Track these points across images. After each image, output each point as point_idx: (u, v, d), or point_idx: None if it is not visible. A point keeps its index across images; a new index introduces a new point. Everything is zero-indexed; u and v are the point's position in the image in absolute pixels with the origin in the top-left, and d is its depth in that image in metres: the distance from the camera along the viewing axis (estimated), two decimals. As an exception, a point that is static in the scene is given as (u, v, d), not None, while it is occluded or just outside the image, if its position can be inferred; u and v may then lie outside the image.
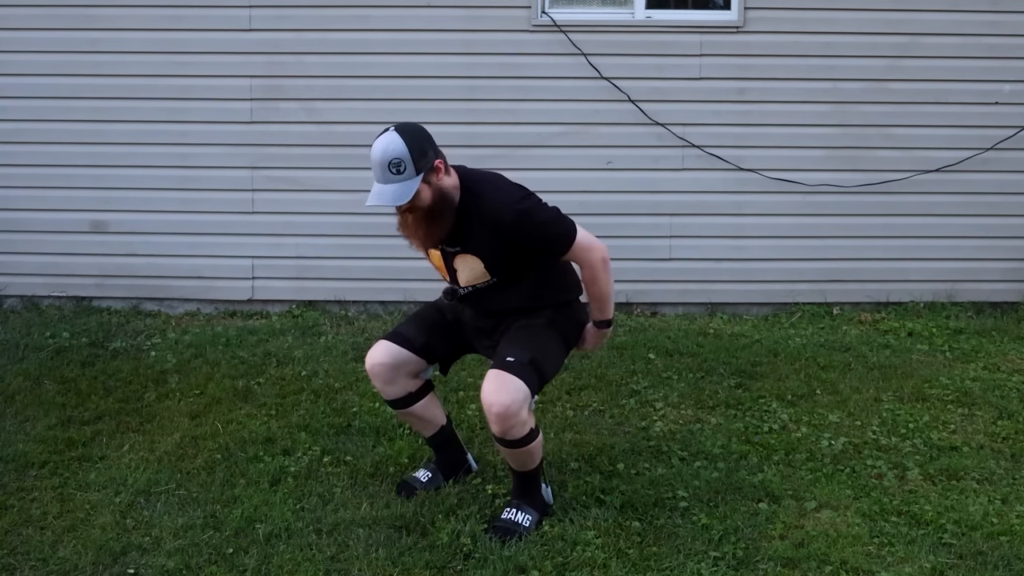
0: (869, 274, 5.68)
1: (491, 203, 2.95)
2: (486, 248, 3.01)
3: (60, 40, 5.48)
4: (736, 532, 3.08)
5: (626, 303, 5.67)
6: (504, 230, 2.93)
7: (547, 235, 2.98)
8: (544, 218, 2.98)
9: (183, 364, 4.68)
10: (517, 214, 2.93)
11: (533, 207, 2.97)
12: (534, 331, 3.07)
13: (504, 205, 2.94)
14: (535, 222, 2.95)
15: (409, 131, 2.89)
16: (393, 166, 2.84)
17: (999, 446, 3.77)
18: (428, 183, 2.89)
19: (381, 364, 3.17)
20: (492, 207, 2.95)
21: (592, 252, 3.03)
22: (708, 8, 5.60)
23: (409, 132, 2.88)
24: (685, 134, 5.53)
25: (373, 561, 2.91)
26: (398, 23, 5.46)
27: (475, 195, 2.98)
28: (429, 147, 2.90)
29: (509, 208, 2.93)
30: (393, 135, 2.87)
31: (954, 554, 2.97)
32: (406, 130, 2.89)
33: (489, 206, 2.95)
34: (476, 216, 2.97)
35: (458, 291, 3.15)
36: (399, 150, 2.84)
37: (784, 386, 4.39)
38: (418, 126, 2.95)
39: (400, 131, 2.87)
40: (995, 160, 5.55)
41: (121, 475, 3.47)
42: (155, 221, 5.62)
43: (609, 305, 3.15)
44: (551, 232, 2.97)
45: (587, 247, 3.02)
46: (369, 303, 5.69)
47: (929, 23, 5.47)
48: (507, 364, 2.93)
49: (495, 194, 2.98)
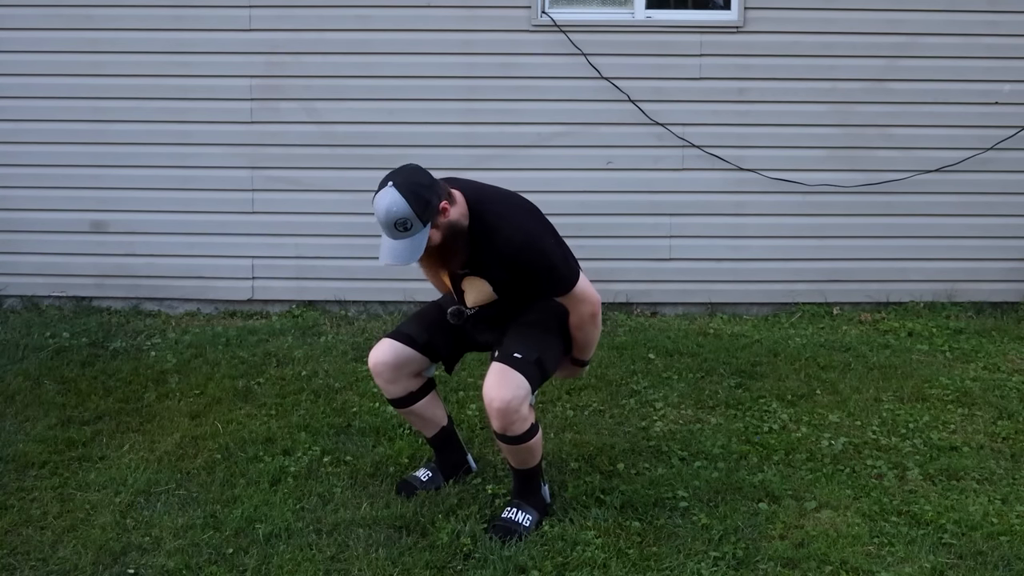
0: (869, 274, 5.68)
1: (507, 236, 2.91)
2: (496, 274, 3.01)
3: (60, 40, 5.48)
4: (736, 532, 3.08)
5: (626, 303, 5.67)
6: (517, 264, 2.93)
7: (552, 278, 2.98)
8: (554, 262, 2.96)
9: (183, 364, 4.68)
10: (534, 252, 2.92)
11: (547, 248, 2.96)
12: (540, 329, 3.07)
13: (521, 242, 2.92)
14: (546, 265, 2.95)
15: (408, 184, 2.78)
16: (400, 225, 2.78)
17: (999, 446, 3.77)
18: (436, 227, 2.86)
19: (384, 363, 3.17)
20: (508, 240, 2.91)
21: (584, 305, 3.04)
22: (708, 8, 5.60)
23: (408, 186, 2.77)
24: (685, 134, 5.53)
25: (373, 561, 2.91)
26: (398, 23, 5.46)
27: (487, 223, 2.93)
28: (431, 194, 2.80)
29: (527, 246, 2.92)
30: (393, 194, 2.76)
31: (954, 554, 2.97)
32: (404, 184, 2.78)
33: (505, 239, 2.91)
34: (487, 243, 2.93)
35: (464, 312, 3.14)
36: (402, 210, 2.75)
37: (784, 386, 4.39)
38: (415, 172, 2.84)
39: (399, 187, 2.77)
40: (995, 160, 5.55)
41: (121, 475, 3.47)
42: (155, 221, 5.62)
43: (589, 351, 3.21)
44: (556, 276, 2.98)
45: (581, 298, 3.02)
46: (369, 303, 5.69)
47: (929, 23, 5.47)
48: (513, 360, 2.93)
49: (511, 226, 2.93)
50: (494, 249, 2.93)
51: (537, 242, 2.94)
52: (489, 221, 2.93)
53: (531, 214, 3.04)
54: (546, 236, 3.00)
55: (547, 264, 2.95)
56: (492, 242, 2.92)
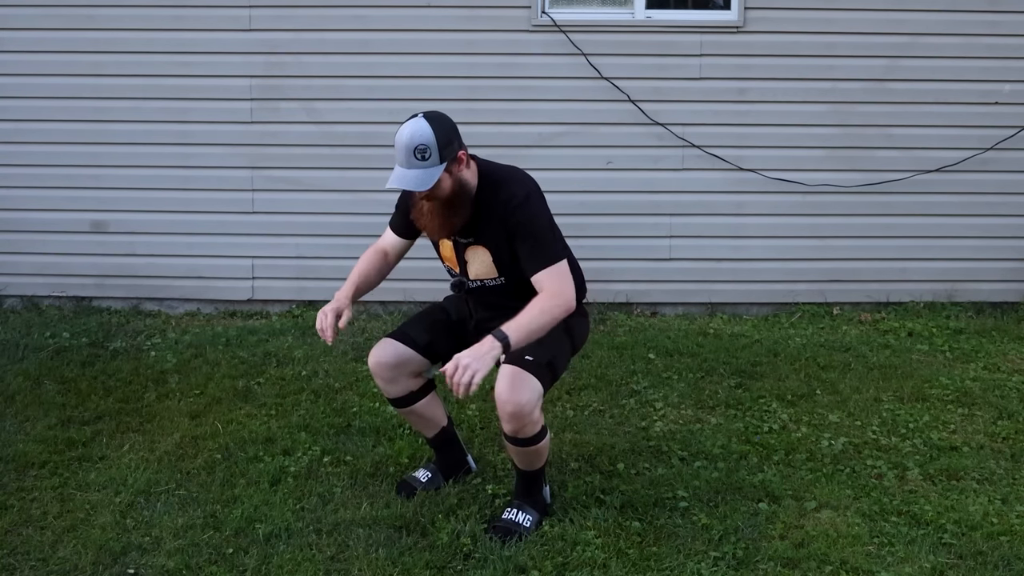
0: (869, 274, 5.68)
1: (508, 192, 2.97)
2: (496, 241, 3.01)
3: (61, 40, 5.48)
4: (736, 532, 3.08)
5: (626, 303, 5.67)
6: (512, 221, 2.94)
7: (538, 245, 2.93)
8: (544, 230, 2.96)
9: (183, 364, 4.68)
10: (529, 213, 2.94)
11: (543, 217, 2.98)
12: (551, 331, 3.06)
13: (517, 194, 2.96)
14: (537, 229, 2.94)
15: (437, 119, 2.90)
16: (419, 152, 2.84)
17: (999, 446, 3.77)
18: (450, 172, 2.91)
19: (384, 363, 3.18)
20: (508, 195, 2.97)
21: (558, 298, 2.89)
22: (708, 8, 5.60)
23: (437, 120, 2.89)
24: (685, 134, 5.53)
25: (373, 561, 2.91)
26: (398, 23, 5.46)
27: (494, 188, 2.99)
28: (455, 137, 2.91)
29: (522, 196, 2.95)
30: (421, 121, 2.87)
31: (954, 554, 2.97)
32: (434, 118, 2.89)
33: (505, 194, 2.97)
34: (491, 208, 2.98)
35: (466, 283, 3.15)
36: (426, 136, 2.84)
37: (784, 386, 4.39)
38: (445, 115, 2.96)
39: (428, 118, 2.88)
40: (995, 160, 5.55)
41: (121, 475, 3.47)
42: (155, 221, 5.62)
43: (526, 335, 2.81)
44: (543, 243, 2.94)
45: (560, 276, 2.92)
46: (369, 303, 5.68)
47: (929, 23, 5.47)
48: (525, 362, 2.90)
49: (515, 185, 3.00)
50: (497, 204, 2.96)
51: (535, 205, 2.97)
52: (496, 179, 3.01)
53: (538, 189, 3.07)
54: (546, 208, 3.02)
55: (540, 225, 2.96)
56: (496, 197, 2.97)
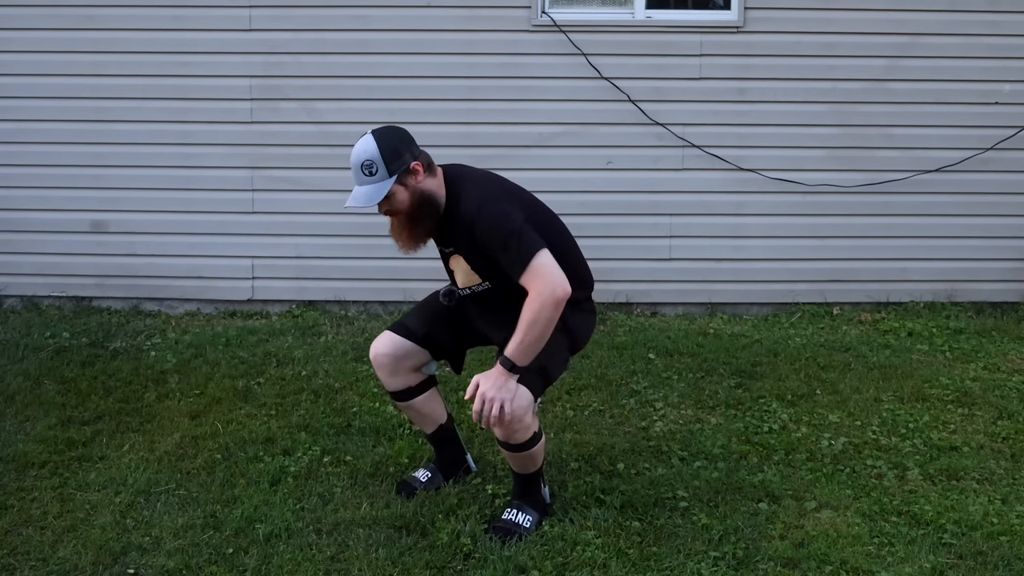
0: (869, 274, 5.68)
1: (463, 204, 2.95)
2: (467, 249, 3.01)
3: (61, 40, 5.48)
4: (736, 532, 3.08)
5: (626, 303, 5.67)
6: (474, 234, 2.92)
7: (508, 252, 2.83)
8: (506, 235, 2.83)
9: (183, 364, 4.68)
10: (487, 222, 2.86)
11: (501, 221, 2.85)
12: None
13: (470, 205, 2.92)
14: (499, 237, 2.84)
15: (384, 135, 2.94)
16: (365, 168, 2.91)
17: (999, 446, 3.77)
18: (404, 184, 2.93)
19: (384, 354, 3.18)
20: (463, 207, 2.95)
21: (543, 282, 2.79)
22: (708, 8, 5.60)
23: (384, 135, 2.94)
24: (685, 134, 5.53)
25: (373, 561, 2.91)
26: (398, 23, 5.46)
27: (455, 198, 2.98)
28: (405, 149, 2.93)
29: (474, 207, 2.91)
30: (368, 137, 2.93)
31: (954, 554, 2.97)
32: (381, 134, 2.95)
33: (462, 206, 2.95)
34: (455, 218, 2.98)
35: (456, 292, 3.17)
36: (370, 152, 2.90)
37: (784, 386, 4.39)
38: (397, 129, 2.99)
39: (375, 134, 2.94)
40: (995, 160, 5.55)
41: (121, 475, 3.47)
42: (155, 221, 5.62)
43: (532, 350, 2.80)
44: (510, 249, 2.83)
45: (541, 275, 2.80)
46: (369, 303, 5.69)
47: (929, 23, 5.47)
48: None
49: (467, 194, 2.96)
50: (459, 215, 2.96)
51: (490, 208, 2.89)
52: (455, 192, 3.00)
53: (502, 191, 3.00)
54: (503, 206, 2.91)
55: (500, 231, 2.85)
56: (457, 208, 2.97)
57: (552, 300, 2.79)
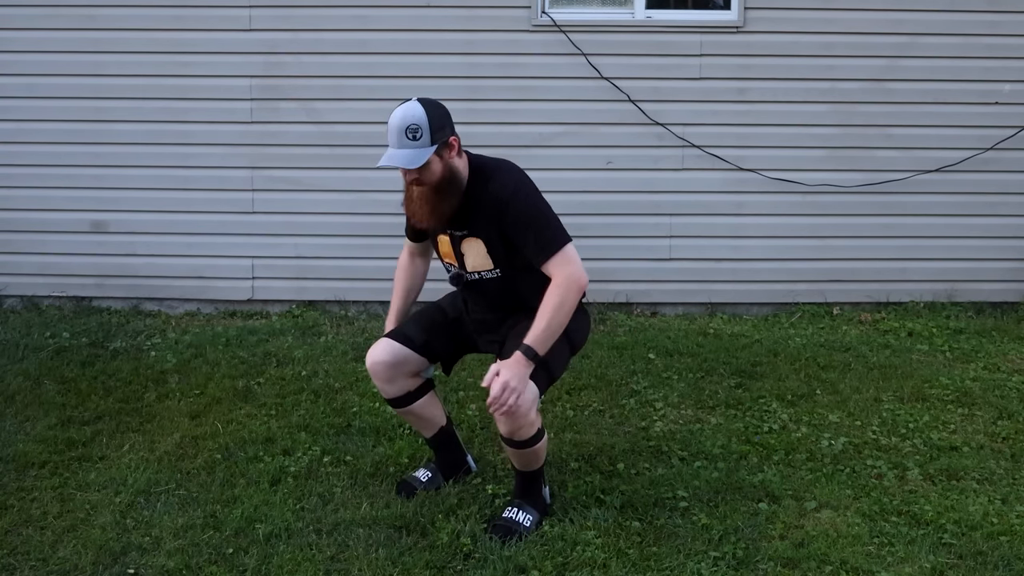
0: (869, 274, 5.68)
1: (497, 184, 2.98)
2: (488, 233, 3.02)
3: (61, 40, 5.48)
4: (736, 532, 3.08)
5: (626, 303, 5.67)
6: (504, 213, 2.94)
7: (540, 232, 2.94)
8: (543, 214, 2.97)
9: (183, 364, 4.68)
10: (523, 201, 2.95)
11: (537, 201, 2.98)
12: None
13: (506, 186, 2.97)
14: (534, 215, 2.95)
15: (432, 104, 2.94)
16: (410, 131, 2.88)
17: (999, 446, 3.77)
18: (440, 157, 2.93)
19: (381, 362, 3.17)
20: (497, 188, 2.97)
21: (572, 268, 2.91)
22: (708, 8, 5.60)
23: (431, 105, 2.93)
24: (685, 134, 5.53)
25: (373, 561, 2.91)
26: (398, 23, 5.46)
27: (485, 178, 3.00)
28: (447, 123, 2.95)
29: (510, 189, 2.96)
30: (415, 103, 2.91)
31: (954, 554, 2.97)
32: (429, 103, 2.93)
33: (495, 187, 2.98)
34: (481, 201, 2.99)
35: (464, 276, 3.14)
36: (419, 116, 2.88)
37: (784, 386, 4.39)
38: (440, 102, 2.98)
39: (422, 101, 2.92)
40: (995, 160, 5.55)
41: (121, 475, 3.47)
42: (155, 221, 5.62)
43: (549, 341, 2.88)
44: (545, 229, 2.95)
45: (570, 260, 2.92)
46: (369, 303, 5.69)
47: (929, 23, 5.47)
48: None
49: (502, 177, 3.01)
50: (487, 197, 2.97)
51: (527, 192, 2.99)
52: (485, 172, 3.02)
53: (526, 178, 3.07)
54: (538, 194, 3.02)
55: (535, 214, 2.96)
56: (486, 190, 2.98)
57: (576, 287, 2.90)
